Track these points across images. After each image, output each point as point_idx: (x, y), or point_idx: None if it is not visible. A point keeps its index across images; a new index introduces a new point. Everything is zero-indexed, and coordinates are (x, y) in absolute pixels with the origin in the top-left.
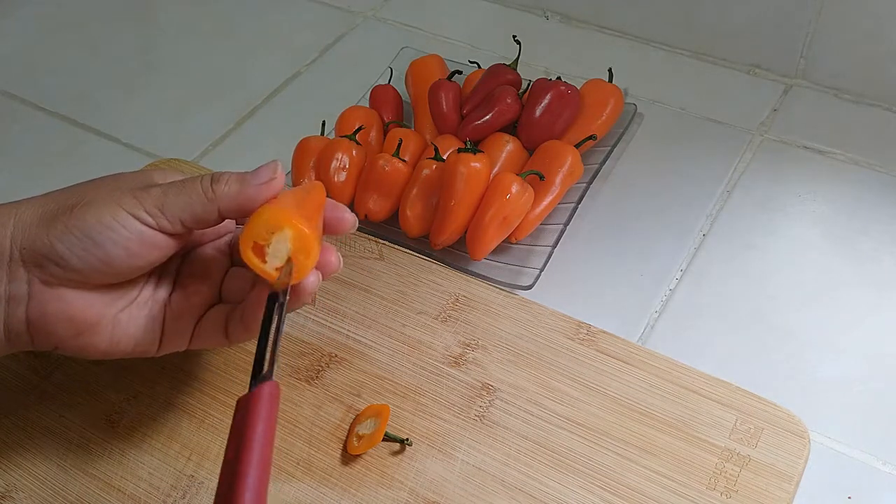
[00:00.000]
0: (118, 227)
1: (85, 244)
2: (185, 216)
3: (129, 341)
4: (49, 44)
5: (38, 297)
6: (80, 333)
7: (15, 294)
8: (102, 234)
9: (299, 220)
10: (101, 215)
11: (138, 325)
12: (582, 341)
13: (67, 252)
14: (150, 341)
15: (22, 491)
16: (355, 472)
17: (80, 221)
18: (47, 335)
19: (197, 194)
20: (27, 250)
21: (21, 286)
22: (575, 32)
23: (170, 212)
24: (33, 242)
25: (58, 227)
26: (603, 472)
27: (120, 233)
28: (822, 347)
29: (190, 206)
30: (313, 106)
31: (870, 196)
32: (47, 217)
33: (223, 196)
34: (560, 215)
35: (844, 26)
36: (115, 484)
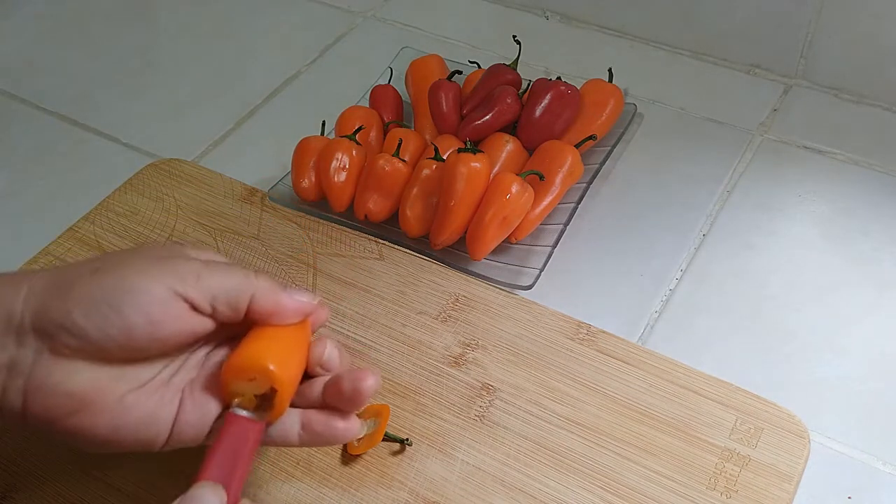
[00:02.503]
0: (144, 292)
1: (105, 311)
2: (218, 293)
3: (132, 429)
4: (49, 44)
5: (42, 368)
6: (78, 411)
7: (19, 363)
8: (123, 298)
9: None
10: (126, 280)
11: (145, 412)
12: (582, 341)
13: (84, 320)
14: (156, 432)
15: (22, 491)
16: (355, 472)
17: (100, 285)
18: (43, 410)
19: (238, 276)
20: (40, 317)
21: (27, 355)
22: (575, 32)
23: (203, 283)
24: (48, 309)
25: (75, 293)
26: (603, 472)
27: (143, 300)
28: (822, 347)
29: (226, 284)
30: (313, 106)
31: (870, 196)
32: (65, 284)
33: (262, 287)
34: (560, 215)
35: (844, 26)
36: (115, 484)
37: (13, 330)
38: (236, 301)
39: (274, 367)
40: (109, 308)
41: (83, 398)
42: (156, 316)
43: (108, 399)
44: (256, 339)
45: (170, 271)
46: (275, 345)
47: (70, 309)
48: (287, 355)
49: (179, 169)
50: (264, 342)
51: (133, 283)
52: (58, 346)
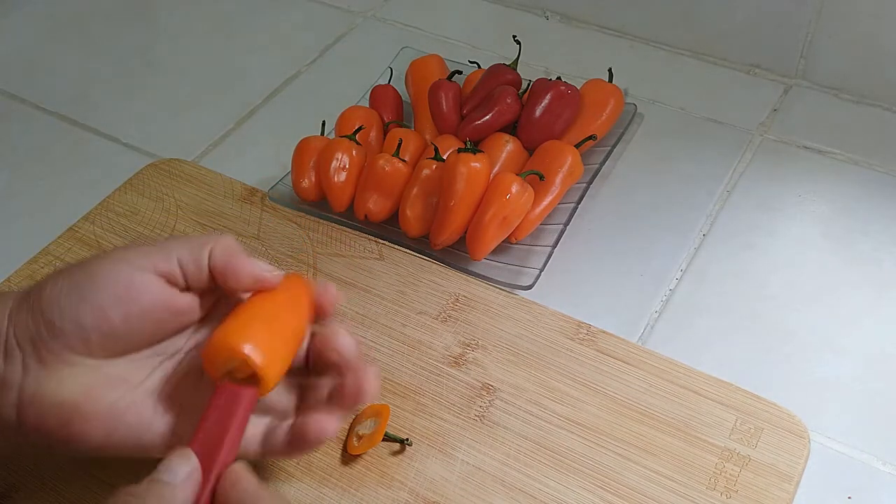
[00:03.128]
0: (111, 273)
1: (74, 300)
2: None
3: (127, 433)
4: (49, 44)
5: (31, 380)
6: (71, 421)
7: (7, 378)
8: (88, 284)
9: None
10: (87, 268)
11: (138, 417)
12: (582, 341)
13: (58, 316)
14: (152, 437)
15: (22, 491)
16: (355, 472)
17: (67, 280)
18: (37, 421)
19: (196, 239)
20: (21, 328)
21: (16, 368)
22: (575, 32)
23: (167, 253)
24: (26, 317)
25: (44, 294)
26: (603, 472)
27: (107, 280)
28: (821, 347)
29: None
30: (313, 106)
31: (870, 196)
32: (35, 290)
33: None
34: (560, 215)
35: (844, 26)
36: (116, 484)
37: (0, 347)
38: (198, 255)
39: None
40: (78, 297)
41: (74, 406)
42: (123, 292)
43: (100, 405)
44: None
45: (134, 251)
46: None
47: (43, 310)
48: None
49: (179, 169)
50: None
51: (94, 270)
52: (43, 354)
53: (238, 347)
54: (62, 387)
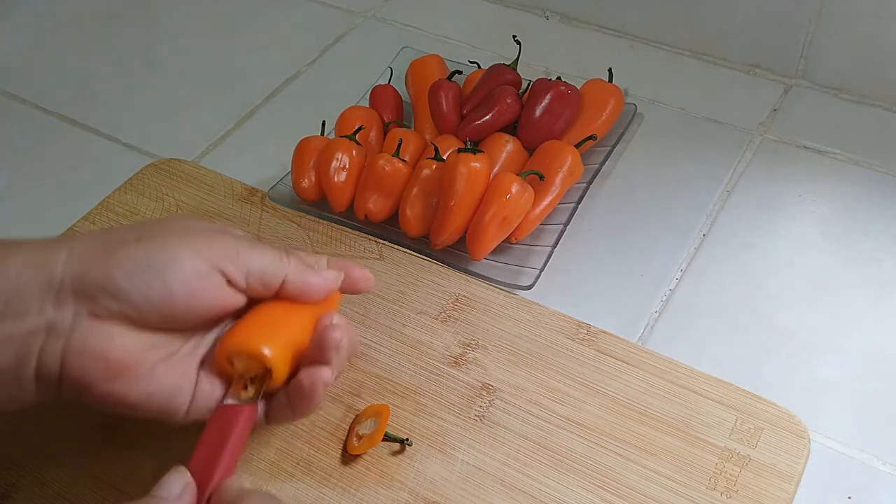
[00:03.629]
0: (187, 262)
1: (148, 276)
2: (254, 269)
3: (161, 396)
4: (49, 44)
5: (81, 331)
6: (113, 377)
7: (58, 325)
8: (167, 265)
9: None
10: (170, 249)
11: (172, 382)
12: (582, 341)
13: (127, 283)
14: (179, 402)
15: (22, 491)
16: (355, 472)
17: (147, 252)
18: (79, 374)
19: (273, 255)
20: (81, 280)
21: (66, 317)
22: (575, 32)
23: (241, 260)
24: (90, 271)
25: (119, 256)
26: (603, 472)
27: (186, 269)
28: (821, 347)
29: (263, 262)
30: (313, 106)
31: (870, 196)
32: (108, 248)
33: (294, 268)
34: (560, 215)
35: (844, 26)
36: (115, 484)
37: (52, 292)
38: (269, 279)
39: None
40: (153, 273)
41: (119, 364)
42: (196, 287)
43: (142, 367)
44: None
45: (211, 246)
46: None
47: (113, 272)
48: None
49: (179, 169)
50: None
51: (177, 254)
52: (98, 309)
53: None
54: (111, 343)
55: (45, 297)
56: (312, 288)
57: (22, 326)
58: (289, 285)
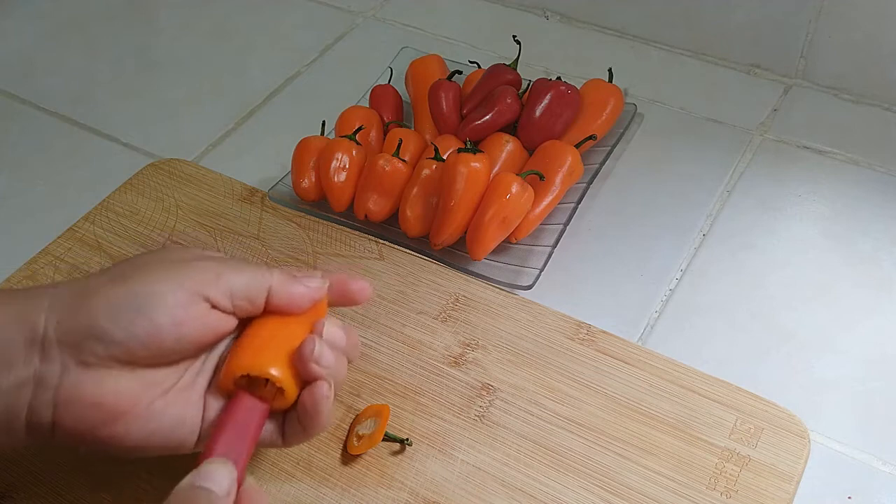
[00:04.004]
0: (168, 294)
1: (131, 315)
2: (237, 289)
3: (164, 433)
4: (49, 44)
5: (70, 380)
6: (110, 422)
7: (45, 377)
8: (148, 301)
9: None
10: (150, 284)
11: (174, 414)
12: (582, 341)
13: (110, 324)
14: (186, 433)
15: (22, 491)
16: (355, 472)
17: (124, 291)
18: (74, 422)
19: (254, 272)
20: (64, 328)
21: (54, 368)
22: (575, 32)
23: (223, 283)
24: (72, 319)
25: (98, 300)
26: (602, 472)
27: (169, 301)
28: (821, 347)
29: (245, 280)
30: (313, 106)
31: (870, 196)
32: (86, 292)
33: (278, 280)
34: (560, 215)
35: (844, 26)
36: (116, 484)
37: (38, 344)
38: (254, 296)
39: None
40: (135, 311)
41: (114, 407)
42: (181, 318)
43: (139, 407)
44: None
45: (190, 274)
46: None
47: (95, 316)
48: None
49: (179, 169)
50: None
51: (157, 288)
52: (85, 356)
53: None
54: (102, 388)
55: (30, 350)
56: (297, 298)
57: (9, 379)
58: (274, 297)
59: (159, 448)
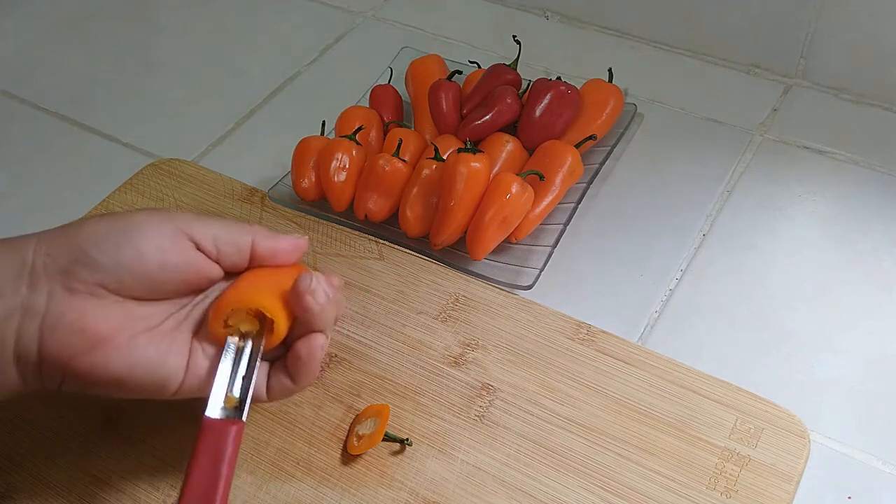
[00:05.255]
0: (152, 227)
1: (116, 242)
2: (219, 234)
3: (144, 369)
4: (49, 44)
5: (56, 306)
6: (93, 348)
7: (32, 305)
8: (133, 230)
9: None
10: (135, 218)
11: (156, 353)
12: (582, 341)
13: (96, 250)
14: (167, 375)
15: (22, 491)
16: (355, 472)
17: (113, 222)
18: (58, 349)
19: (236, 224)
20: (53, 258)
21: (41, 296)
22: (575, 32)
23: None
24: (60, 248)
25: (86, 230)
26: (603, 472)
27: (154, 232)
28: (821, 347)
29: (228, 228)
30: (313, 106)
31: (870, 196)
32: (74, 226)
33: (259, 233)
34: (560, 215)
35: (844, 26)
36: (115, 484)
37: (26, 275)
38: (238, 240)
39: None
40: (121, 238)
41: (97, 335)
42: (166, 248)
43: (121, 337)
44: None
45: (174, 215)
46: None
47: (82, 243)
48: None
49: (179, 169)
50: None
51: (142, 220)
52: (72, 283)
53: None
54: (87, 315)
55: (18, 280)
56: (282, 248)
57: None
58: (258, 247)
59: (139, 386)
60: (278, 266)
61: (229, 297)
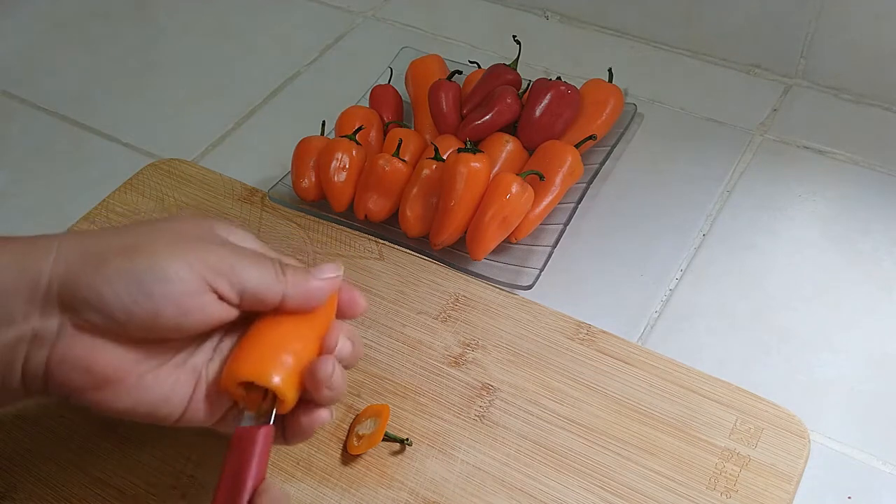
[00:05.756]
0: (177, 280)
1: (135, 294)
2: (248, 287)
3: (150, 404)
4: (49, 44)
5: (64, 341)
6: (99, 388)
7: (41, 333)
8: (157, 285)
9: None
10: (161, 265)
11: (162, 391)
12: (582, 341)
13: (114, 299)
14: (171, 410)
15: (22, 491)
16: (355, 472)
17: (135, 267)
18: (64, 383)
19: (269, 272)
20: (68, 289)
21: (51, 326)
22: (575, 32)
23: (237, 279)
24: (76, 283)
25: (108, 270)
26: (603, 472)
27: (176, 287)
28: (822, 347)
29: (259, 281)
30: (313, 106)
31: (870, 196)
32: (96, 256)
33: (293, 283)
34: (560, 215)
35: (844, 26)
36: (115, 484)
37: (39, 298)
38: (266, 297)
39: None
40: (140, 292)
41: (104, 376)
42: (185, 306)
43: (130, 379)
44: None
45: (204, 258)
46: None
47: (99, 287)
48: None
49: (179, 169)
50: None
51: (166, 268)
52: (81, 322)
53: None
54: (95, 354)
55: (31, 304)
56: (314, 294)
57: (8, 334)
58: (289, 301)
59: (143, 417)
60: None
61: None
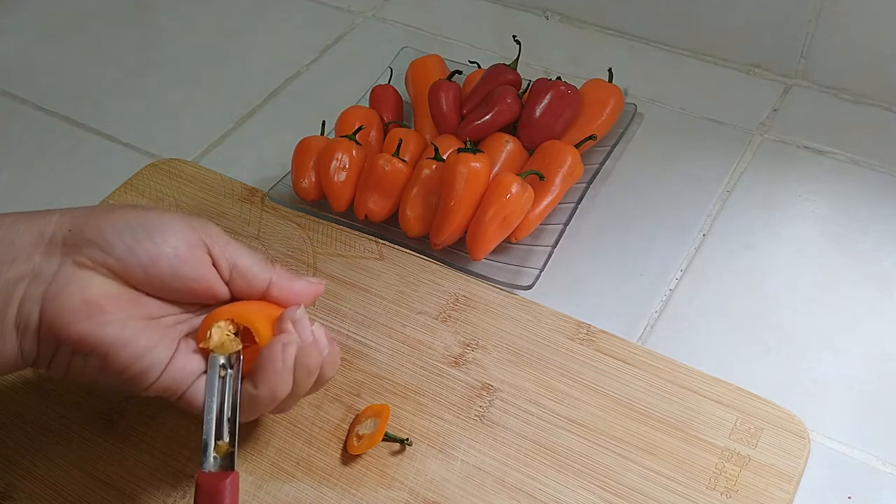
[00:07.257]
0: (179, 232)
1: (138, 234)
2: (239, 263)
3: (134, 350)
4: (49, 44)
5: (62, 276)
6: (91, 316)
7: (41, 272)
8: (158, 227)
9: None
10: (165, 218)
11: (149, 340)
12: (582, 341)
13: (116, 238)
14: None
15: (22, 491)
16: (355, 472)
17: (138, 214)
18: (56, 314)
19: (259, 258)
20: (73, 233)
21: (51, 266)
22: (575, 32)
23: (230, 254)
24: (82, 226)
25: (113, 216)
26: (602, 472)
27: (177, 234)
28: (822, 347)
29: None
30: (313, 106)
31: (870, 196)
32: (102, 209)
33: (280, 274)
34: (560, 215)
35: (844, 26)
36: (115, 484)
37: (43, 244)
38: (253, 279)
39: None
40: (144, 232)
41: (97, 305)
42: (183, 254)
43: (119, 314)
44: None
45: (206, 227)
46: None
47: (104, 227)
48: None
49: (179, 169)
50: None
51: (170, 221)
52: (82, 259)
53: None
54: (91, 287)
55: (34, 248)
56: (298, 289)
57: (8, 273)
58: (275, 289)
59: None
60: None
61: (220, 311)
